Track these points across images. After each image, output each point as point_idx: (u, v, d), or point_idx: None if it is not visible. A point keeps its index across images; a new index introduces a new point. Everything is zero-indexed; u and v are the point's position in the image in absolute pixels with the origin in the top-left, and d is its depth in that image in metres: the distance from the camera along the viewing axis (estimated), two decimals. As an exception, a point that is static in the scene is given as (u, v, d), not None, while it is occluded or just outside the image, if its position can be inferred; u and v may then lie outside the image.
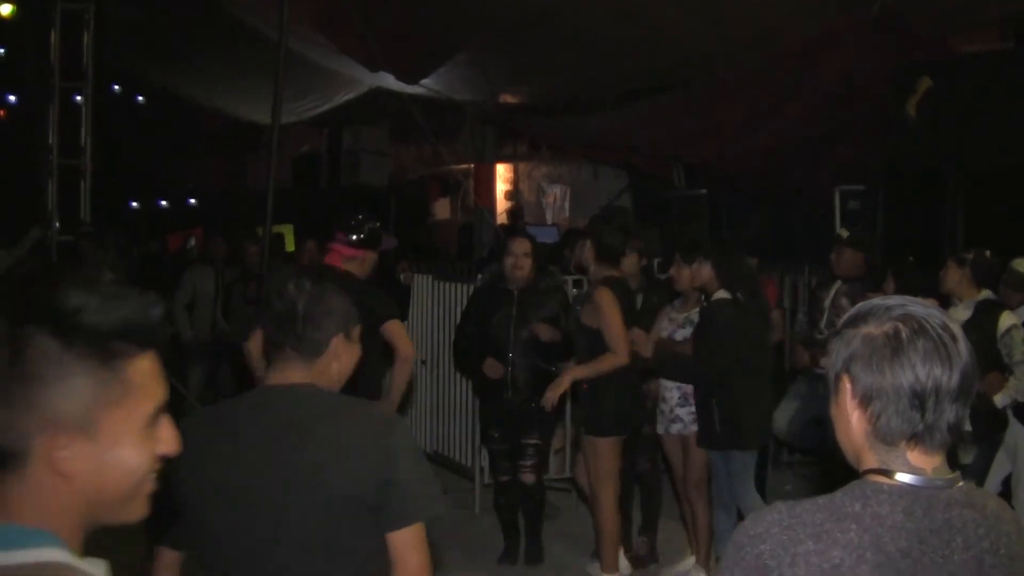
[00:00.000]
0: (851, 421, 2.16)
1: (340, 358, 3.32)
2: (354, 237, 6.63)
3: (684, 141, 12.72)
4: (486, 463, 9.41)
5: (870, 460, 2.16)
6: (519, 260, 7.70)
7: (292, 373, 3.24)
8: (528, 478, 7.75)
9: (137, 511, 1.77)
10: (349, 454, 3.05)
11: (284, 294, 3.29)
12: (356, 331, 3.39)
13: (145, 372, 1.70)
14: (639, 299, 7.63)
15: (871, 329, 2.13)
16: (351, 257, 6.63)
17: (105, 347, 1.62)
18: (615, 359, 6.91)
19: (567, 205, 18.18)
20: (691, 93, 12.38)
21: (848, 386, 2.15)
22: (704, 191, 13.63)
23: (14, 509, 1.61)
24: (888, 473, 2.12)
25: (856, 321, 2.17)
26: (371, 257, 6.80)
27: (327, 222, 7.06)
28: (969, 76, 10.42)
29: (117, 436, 1.66)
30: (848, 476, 2.20)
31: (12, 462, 1.60)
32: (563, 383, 7.17)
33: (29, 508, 1.62)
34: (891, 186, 10.99)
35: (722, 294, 7.14)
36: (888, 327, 2.11)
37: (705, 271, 7.23)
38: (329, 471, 3.02)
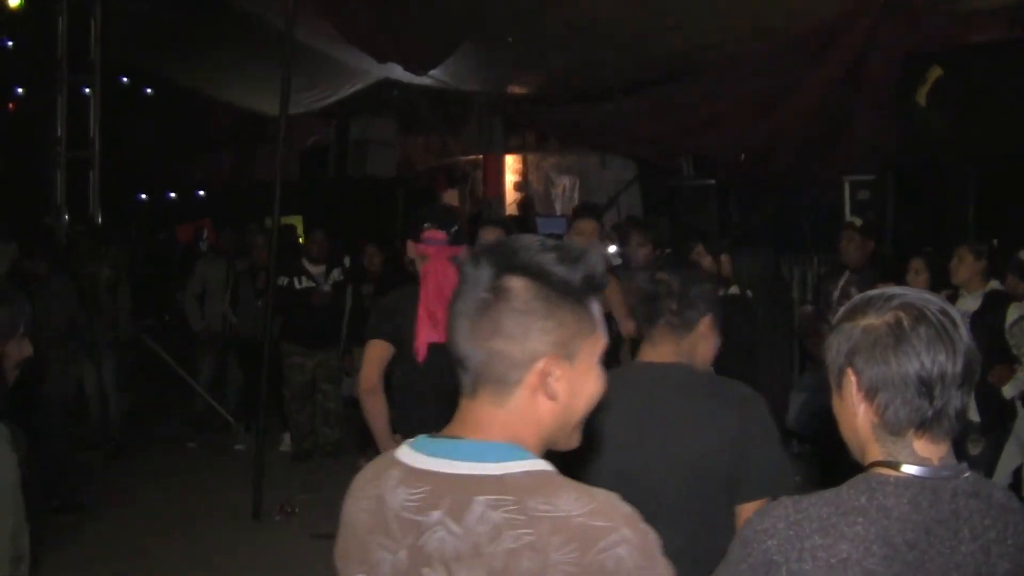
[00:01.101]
0: (857, 414, 2.16)
1: (707, 338, 3.53)
2: (452, 231, 5.52)
3: (692, 130, 12.70)
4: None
5: (875, 452, 2.17)
6: None
7: (664, 350, 3.48)
8: None
9: (575, 440, 2.03)
10: (712, 429, 3.27)
11: (654, 277, 3.50)
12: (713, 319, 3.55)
13: (599, 312, 1.97)
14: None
15: (871, 320, 2.13)
16: (454, 256, 5.23)
17: (575, 289, 1.90)
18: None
19: (576, 195, 18.13)
20: (699, 81, 12.35)
21: (853, 379, 2.15)
22: (712, 181, 13.58)
23: (498, 430, 1.90)
24: (894, 465, 2.12)
25: (854, 314, 2.18)
26: None
27: (334, 213, 6.97)
28: (979, 66, 10.37)
29: (588, 365, 1.96)
30: (855, 466, 2.20)
31: (503, 388, 1.89)
32: None
33: (513, 428, 1.91)
34: (901, 176, 10.95)
35: (733, 290, 7.17)
36: (889, 317, 2.12)
37: (726, 266, 7.25)
38: (693, 445, 3.26)
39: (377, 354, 5.39)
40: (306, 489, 9.68)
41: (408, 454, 1.94)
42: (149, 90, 19.87)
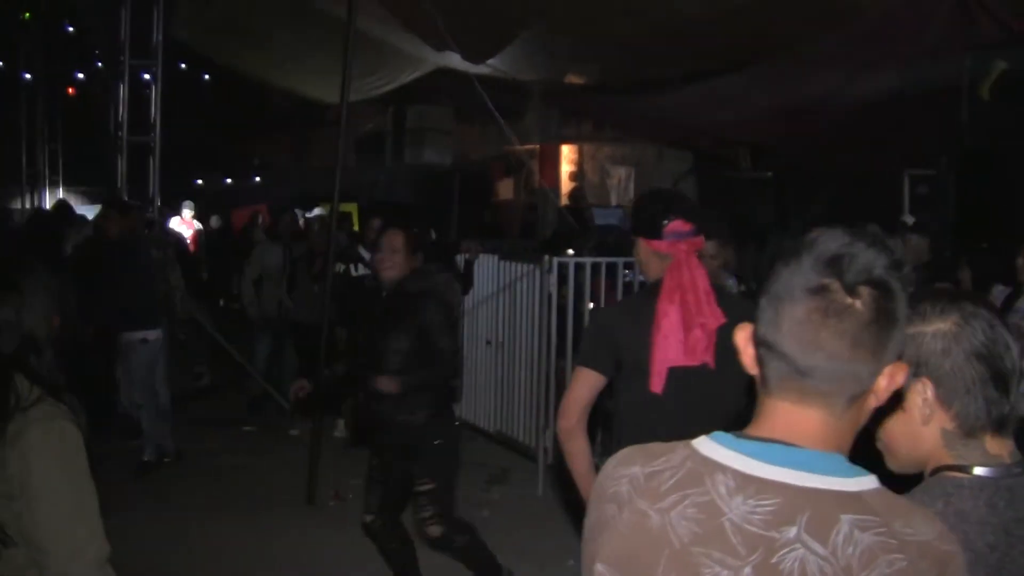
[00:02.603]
0: (926, 423, 2.14)
1: None
2: (697, 220, 4.59)
3: (752, 121, 12.63)
4: (550, 443, 9.42)
5: (943, 457, 2.14)
6: (388, 257, 6.37)
7: None
8: (433, 531, 6.42)
9: None
10: None
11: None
12: None
13: None
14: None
15: (939, 325, 2.12)
16: (699, 249, 4.59)
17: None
18: None
19: (631, 186, 18.10)
20: (760, 72, 12.27)
21: (928, 388, 2.12)
22: (770, 173, 13.53)
23: (832, 440, 1.76)
24: (965, 468, 2.10)
25: (914, 321, 2.11)
26: None
27: (390, 200, 6.87)
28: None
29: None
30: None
31: (849, 399, 1.74)
32: None
33: (841, 439, 1.78)
34: (963, 171, 10.85)
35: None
36: (955, 318, 2.11)
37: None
38: None
39: (587, 386, 4.48)
40: (360, 475, 9.70)
41: (734, 458, 1.76)
42: (207, 76, 20.00)
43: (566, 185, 18.59)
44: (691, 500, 1.74)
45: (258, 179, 23.94)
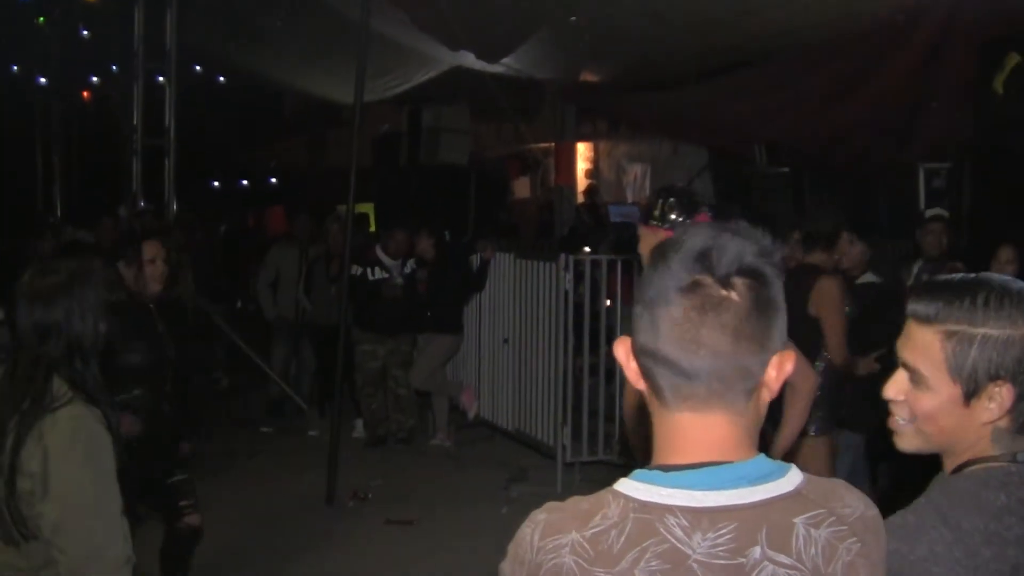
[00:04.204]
0: (988, 422, 2.14)
1: None
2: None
3: (766, 116, 12.58)
4: (568, 441, 9.43)
5: (985, 450, 2.14)
6: (157, 267, 6.24)
7: None
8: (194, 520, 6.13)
9: None
10: None
11: None
12: None
13: None
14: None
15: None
16: None
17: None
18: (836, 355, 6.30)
19: (647, 183, 18.06)
20: (774, 67, 12.23)
21: (1009, 393, 2.10)
22: (786, 169, 13.47)
23: (747, 443, 1.72)
24: (1002, 458, 2.13)
25: (1001, 323, 2.10)
26: None
27: (406, 200, 6.86)
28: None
29: None
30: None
31: (744, 397, 1.70)
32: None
33: (752, 436, 1.74)
34: (977, 164, 10.80)
35: (868, 277, 7.07)
36: None
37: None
38: None
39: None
40: (379, 475, 9.73)
41: (675, 494, 1.67)
42: (222, 78, 20.03)
43: (582, 183, 18.59)
44: (651, 552, 1.64)
45: (274, 181, 23.94)
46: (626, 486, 1.71)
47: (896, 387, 2.22)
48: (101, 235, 10.62)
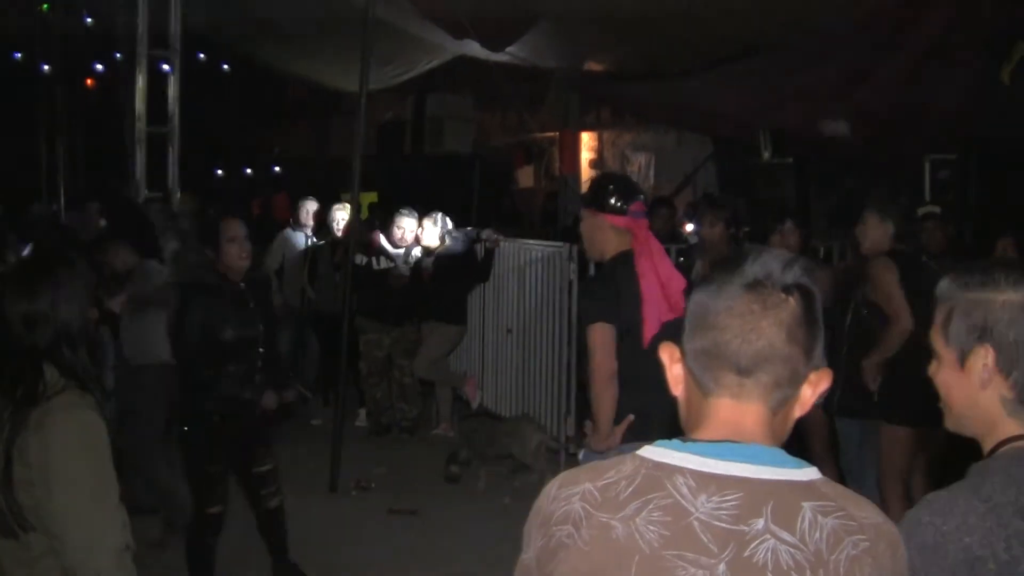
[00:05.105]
0: (983, 387, 2.19)
1: None
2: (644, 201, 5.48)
3: (772, 106, 12.56)
4: (571, 431, 9.41)
5: (1008, 426, 2.19)
6: (239, 244, 6.40)
7: None
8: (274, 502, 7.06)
9: None
10: None
11: None
12: None
13: None
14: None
15: (1010, 296, 2.16)
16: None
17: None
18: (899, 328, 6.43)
19: (651, 173, 18.06)
20: (780, 57, 12.20)
21: (989, 355, 2.17)
22: (791, 159, 13.45)
23: (772, 436, 1.86)
24: None
25: (983, 289, 2.19)
26: None
27: (410, 189, 6.86)
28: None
29: None
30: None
31: (785, 395, 1.86)
32: (867, 374, 6.60)
33: (779, 435, 1.88)
34: (984, 156, 10.79)
35: None
36: None
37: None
38: None
39: (608, 338, 4.99)
40: (382, 464, 9.73)
41: (688, 459, 1.81)
42: (226, 66, 19.98)
43: (586, 172, 18.55)
44: (655, 504, 1.76)
45: (278, 169, 23.90)
46: (645, 450, 1.86)
47: (932, 368, 2.33)
48: (87, 218, 10.56)
